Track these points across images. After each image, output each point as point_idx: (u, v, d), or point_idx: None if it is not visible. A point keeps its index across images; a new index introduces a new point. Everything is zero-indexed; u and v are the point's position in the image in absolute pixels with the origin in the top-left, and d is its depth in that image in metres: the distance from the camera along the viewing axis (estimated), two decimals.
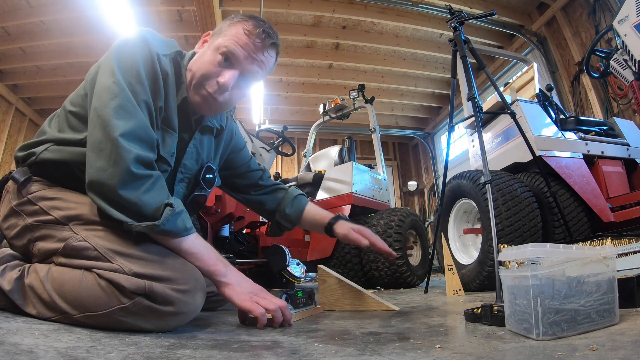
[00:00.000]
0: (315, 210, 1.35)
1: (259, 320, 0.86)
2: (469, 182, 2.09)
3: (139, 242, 0.82)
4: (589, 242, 1.28)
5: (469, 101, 1.78)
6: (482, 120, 1.95)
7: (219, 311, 1.28)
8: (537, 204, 1.93)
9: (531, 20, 4.95)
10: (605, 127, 2.48)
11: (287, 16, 5.10)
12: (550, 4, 4.60)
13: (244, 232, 2.72)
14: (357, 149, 4.33)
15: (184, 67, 1.02)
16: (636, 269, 1.04)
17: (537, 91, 2.53)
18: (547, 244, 0.72)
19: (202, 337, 0.77)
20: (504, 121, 2.41)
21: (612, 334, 0.65)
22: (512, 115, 1.81)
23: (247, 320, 0.93)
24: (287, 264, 1.11)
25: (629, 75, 2.06)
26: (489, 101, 2.63)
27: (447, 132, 2.02)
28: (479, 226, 2.22)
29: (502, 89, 2.40)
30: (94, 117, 0.84)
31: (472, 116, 1.77)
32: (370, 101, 3.87)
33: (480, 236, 2.07)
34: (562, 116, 2.47)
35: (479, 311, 0.89)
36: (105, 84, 0.86)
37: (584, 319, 0.68)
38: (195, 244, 0.87)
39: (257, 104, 5.48)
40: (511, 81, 3.66)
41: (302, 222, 1.35)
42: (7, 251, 0.93)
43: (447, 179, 2.13)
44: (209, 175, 1.14)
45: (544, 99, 2.47)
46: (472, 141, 2.76)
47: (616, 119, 2.62)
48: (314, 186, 3.25)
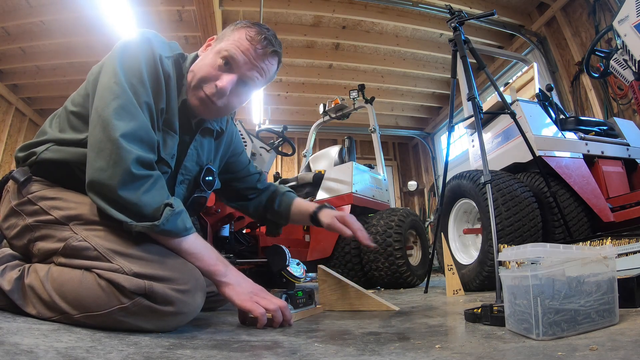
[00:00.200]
0: (302, 202, 1.38)
1: (259, 320, 0.86)
2: (469, 182, 2.09)
3: (139, 242, 0.82)
4: (589, 242, 1.28)
5: (469, 101, 1.78)
6: (482, 120, 1.95)
7: (219, 311, 1.28)
8: (537, 204, 1.93)
9: (531, 20, 4.96)
10: (605, 127, 2.48)
11: (287, 16, 5.10)
12: (550, 4, 4.60)
13: (244, 232, 2.72)
14: (357, 149, 4.33)
15: (185, 70, 1.02)
16: (636, 269, 1.04)
17: (537, 91, 2.53)
18: (547, 244, 0.72)
19: (202, 337, 0.77)
20: (504, 121, 2.41)
21: (612, 334, 0.65)
22: (512, 115, 1.82)
23: (247, 320, 0.93)
24: (287, 264, 1.11)
25: (629, 75, 2.06)
26: (489, 101, 2.63)
27: (447, 132, 2.02)
28: (479, 226, 2.22)
29: (502, 89, 2.40)
30: (95, 117, 0.84)
31: (472, 116, 1.77)
32: (370, 101, 3.87)
33: (480, 236, 2.07)
34: (562, 116, 2.47)
35: (479, 311, 0.89)
36: (107, 84, 0.86)
37: (584, 319, 0.68)
38: (195, 243, 0.88)
39: (257, 104, 5.48)
40: (511, 81, 3.67)
41: (292, 215, 1.36)
42: (7, 251, 0.93)
43: (447, 179, 2.13)
44: (208, 177, 1.14)
45: (544, 99, 2.47)
46: (472, 141, 2.76)
47: (616, 119, 2.62)
48: (314, 186, 3.25)
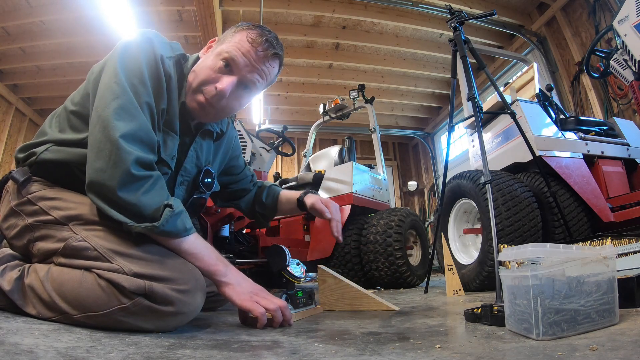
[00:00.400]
0: (288, 191, 1.42)
1: (259, 320, 0.86)
2: (469, 182, 2.08)
3: (138, 242, 0.82)
4: (589, 242, 1.28)
5: (469, 101, 1.78)
6: (482, 120, 1.95)
7: (219, 311, 1.28)
8: (537, 204, 1.93)
9: (531, 20, 4.96)
10: (605, 127, 2.48)
11: (287, 16, 5.10)
12: (550, 4, 4.60)
13: (244, 232, 2.72)
14: (357, 149, 4.33)
15: (187, 70, 1.01)
16: (636, 269, 1.04)
17: (537, 91, 2.53)
18: (547, 244, 0.72)
19: (202, 337, 0.77)
20: (504, 121, 2.41)
21: (612, 334, 0.65)
22: (512, 115, 1.82)
23: (247, 320, 0.93)
24: (287, 264, 1.10)
25: (629, 75, 2.06)
26: (489, 101, 2.63)
27: (447, 132, 2.02)
28: (479, 226, 2.22)
29: (502, 89, 2.40)
30: (95, 117, 0.84)
31: (472, 116, 1.77)
32: (370, 101, 3.87)
33: (480, 236, 2.07)
34: (562, 116, 2.47)
35: (479, 311, 0.89)
36: (107, 84, 0.86)
37: (584, 319, 0.68)
38: (195, 244, 0.87)
39: (257, 104, 5.48)
40: (511, 81, 3.67)
41: (279, 206, 1.40)
42: (7, 251, 0.93)
43: (447, 179, 2.13)
44: (207, 179, 1.14)
45: (544, 99, 2.47)
46: (472, 141, 2.76)
47: (616, 119, 2.62)
48: (314, 186, 3.25)
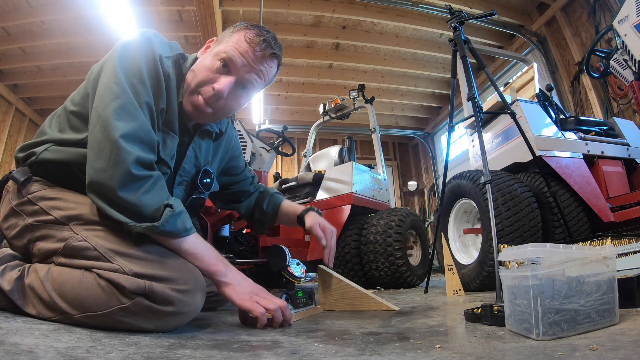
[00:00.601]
0: (290, 204, 1.41)
1: (259, 320, 0.86)
2: (469, 182, 2.08)
3: (139, 242, 0.82)
4: (589, 242, 1.28)
5: (469, 101, 1.78)
6: (482, 120, 1.95)
7: (219, 311, 1.28)
8: (537, 204, 1.93)
9: (531, 20, 4.96)
10: (605, 127, 2.48)
11: (287, 16, 5.10)
12: (550, 4, 4.60)
13: (244, 232, 2.72)
14: (357, 149, 4.33)
15: (186, 70, 1.01)
16: (636, 269, 1.04)
17: (537, 91, 2.53)
18: (547, 244, 0.72)
19: (202, 337, 0.77)
20: (504, 121, 2.40)
21: (612, 334, 0.65)
22: (512, 115, 1.81)
23: (247, 320, 0.93)
24: (287, 264, 1.10)
25: (629, 75, 2.06)
26: (489, 101, 2.63)
27: (447, 132, 2.02)
28: (479, 226, 2.22)
29: (502, 89, 2.40)
30: (95, 117, 0.84)
31: (472, 116, 1.77)
32: (370, 101, 3.86)
33: (480, 236, 2.07)
34: (562, 116, 2.47)
35: (479, 311, 0.89)
36: (107, 84, 0.86)
37: (584, 319, 0.68)
38: (195, 244, 0.87)
39: (257, 103, 5.49)
40: (511, 81, 3.66)
41: (279, 216, 1.40)
42: (7, 251, 0.93)
43: (447, 179, 2.13)
44: (206, 179, 1.14)
45: (544, 99, 2.47)
46: (472, 141, 2.76)
47: (616, 119, 2.62)
48: (314, 186, 3.25)
